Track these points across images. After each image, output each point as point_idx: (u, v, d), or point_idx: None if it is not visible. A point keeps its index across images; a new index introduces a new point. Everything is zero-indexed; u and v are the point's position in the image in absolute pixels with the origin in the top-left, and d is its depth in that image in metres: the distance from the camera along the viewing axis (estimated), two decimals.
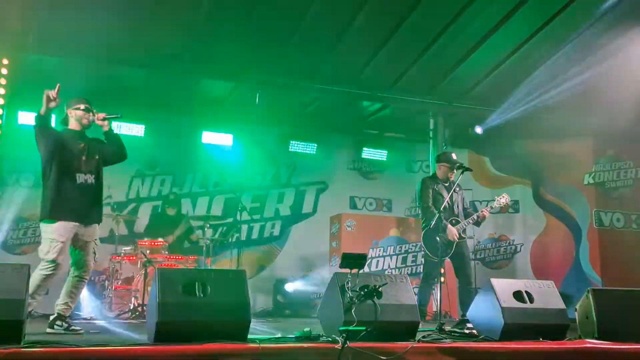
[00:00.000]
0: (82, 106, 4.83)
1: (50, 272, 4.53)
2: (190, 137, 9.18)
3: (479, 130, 9.18)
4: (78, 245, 4.73)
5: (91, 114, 4.84)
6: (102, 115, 4.87)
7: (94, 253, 4.86)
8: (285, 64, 7.78)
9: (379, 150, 10.35)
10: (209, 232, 8.06)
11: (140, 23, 6.71)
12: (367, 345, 3.47)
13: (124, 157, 5.00)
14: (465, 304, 6.11)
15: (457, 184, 6.35)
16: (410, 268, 8.75)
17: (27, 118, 8.04)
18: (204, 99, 8.76)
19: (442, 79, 8.39)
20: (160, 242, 7.46)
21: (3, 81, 7.12)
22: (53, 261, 4.51)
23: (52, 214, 4.58)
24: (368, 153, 10.30)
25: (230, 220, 9.08)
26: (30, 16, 6.54)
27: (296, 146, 9.80)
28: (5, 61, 7.12)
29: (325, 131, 10.02)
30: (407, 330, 4.02)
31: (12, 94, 7.50)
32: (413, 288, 4.49)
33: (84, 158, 4.74)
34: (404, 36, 7.32)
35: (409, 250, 8.84)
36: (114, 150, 4.93)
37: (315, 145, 9.87)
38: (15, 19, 6.58)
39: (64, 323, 4.55)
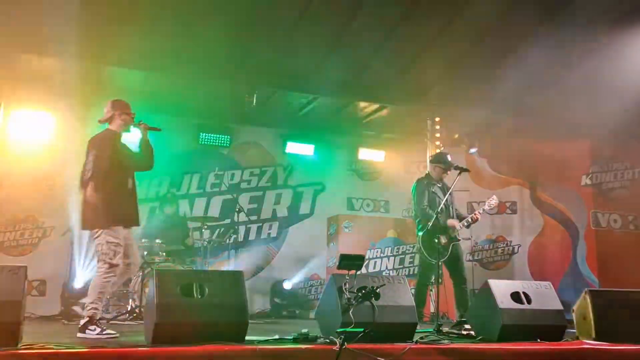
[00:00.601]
0: (133, 113, 5.00)
1: (112, 276, 4.56)
2: (188, 139, 9.19)
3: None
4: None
5: (132, 120, 4.99)
6: (146, 125, 4.98)
7: None
8: (282, 65, 7.78)
9: (376, 152, 10.35)
10: (206, 234, 8.05)
11: (137, 27, 6.69)
12: (365, 346, 3.47)
13: (151, 167, 5.11)
14: (461, 304, 6.11)
15: (448, 185, 6.34)
16: (407, 269, 8.75)
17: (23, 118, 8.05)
18: (201, 100, 8.74)
19: (439, 80, 8.40)
20: (157, 243, 7.45)
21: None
22: (116, 265, 4.56)
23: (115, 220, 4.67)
24: (365, 154, 10.30)
25: (227, 221, 9.08)
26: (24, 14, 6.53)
27: (293, 147, 9.80)
28: None
29: (323, 132, 10.02)
30: (405, 332, 4.02)
31: (8, 94, 7.50)
32: (411, 289, 4.49)
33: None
34: (401, 38, 7.34)
35: (407, 252, 8.84)
36: (145, 159, 5.00)
37: (312, 146, 9.88)
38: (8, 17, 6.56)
39: (96, 327, 4.42)
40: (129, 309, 6.91)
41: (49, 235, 8.37)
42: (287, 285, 8.95)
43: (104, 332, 4.36)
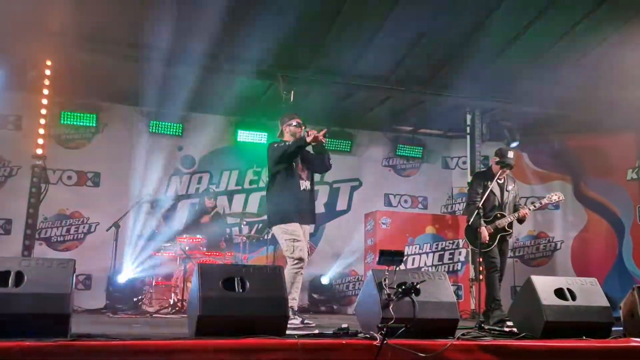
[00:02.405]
0: (294, 122, 5.46)
1: (298, 269, 5.06)
2: (226, 136, 9.31)
3: (514, 144, 9.06)
4: None
5: (301, 128, 5.45)
6: (323, 132, 5.30)
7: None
8: (319, 60, 7.79)
9: (414, 147, 10.27)
10: (245, 229, 8.14)
11: (175, 24, 6.80)
12: (406, 342, 3.44)
13: (328, 169, 5.62)
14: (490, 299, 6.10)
15: (512, 180, 6.41)
16: (447, 266, 8.67)
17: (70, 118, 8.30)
18: (239, 98, 8.83)
19: (479, 73, 8.28)
20: (198, 238, 7.57)
21: (47, 82, 7.28)
22: (300, 259, 5.08)
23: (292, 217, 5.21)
24: (403, 150, 10.24)
25: (265, 217, 9.14)
26: (69, 17, 6.70)
27: (330, 143, 9.78)
28: (48, 62, 7.30)
29: (359, 128, 10.00)
30: (446, 328, 3.97)
31: (55, 94, 7.71)
32: (451, 285, 4.45)
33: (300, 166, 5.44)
34: (439, 31, 7.25)
35: (446, 248, 8.75)
36: (322, 161, 5.50)
37: (349, 142, 9.86)
38: (55, 20, 6.74)
39: (297, 316, 4.89)
40: (171, 303, 7.05)
41: (94, 230, 8.60)
42: (325, 280, 8.97)
43: (304, 322, 4.90)
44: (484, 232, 6.06)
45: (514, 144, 9.24)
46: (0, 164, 8.34)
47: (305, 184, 5.34)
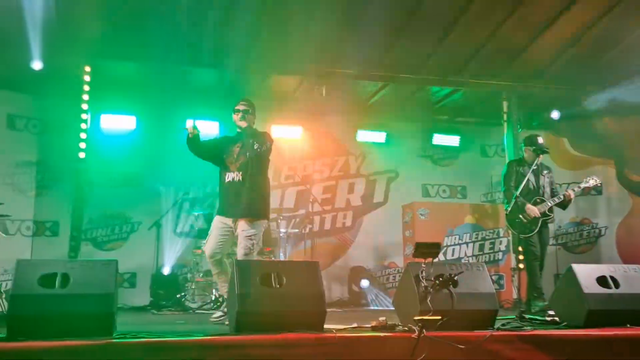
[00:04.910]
0: (235, 109, 5.29)
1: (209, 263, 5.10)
2: None
3: (555, 115, 8.85)
4: None
5: (238, 114, 5.26)
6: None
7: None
8: (350, 53, 7.76)
9: (451, 136, 10.15)
10: (282, 224, 8.21)
11: (209, 25, 6.89)
12: (444, 334, 3.44)
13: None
14: (532, 289, 6.04)
15: (545, 167, 6.38)
16: (487, 256, 8.56)
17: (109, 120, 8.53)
18: (272, 93, 8.90)
19: (515, 58, 8.12)
20: None
21: (86, 87, 7.51)
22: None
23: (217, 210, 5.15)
24: (439, 139, 10.12)
25: (302, 212, 9.21)
26: (106, 23, 6.87)
27: (365, 136, 9.79)
28: (87, 68, 7.52)
29: (394, 119, 9.94)
30: (486, 319, 3.94)
31: (95, 99, 7.94)
32: (491, 276, 4.41)
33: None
34: (473, 16, 7.13)
35: (486, 237, 8.64)
36: None
37: (384, 133, 9.82)
38: (93, 27, 6.92)
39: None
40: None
41: (137, 230, 8.82)
42: (364, 283, 8.96)
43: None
44: (532, 208, 6.02)
45: (555, 115, 9.01)
46: (47, 168, 8.60)
47: (232, 175, 5.04)
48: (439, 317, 3.60)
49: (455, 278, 3.97)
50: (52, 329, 3.23)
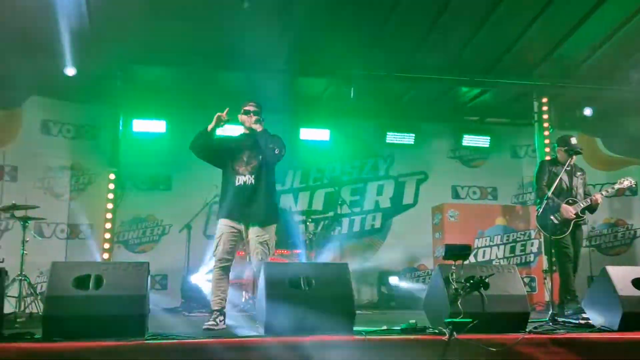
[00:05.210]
0: (243, 109, 5.05)
1: (216, 267, 4.85)
2: (289, 135, 9.38)
3: (588, 112, 8.68)
4: None
5: (250, 116, 4.99)
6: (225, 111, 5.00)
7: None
8: (378, 55, 7.74)
9: (481, 137, 10.04)
10: (311, 227, 8.22)
11: (236, 30, 6.95)
12: (475, 337, 3.40)
13: (278, 158, 4.95)
14: (565, 291, 5.91)
15: (579, 168, 6.27)
16: (519, 257, 8.43)
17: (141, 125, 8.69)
18: (300, 96, 8.93)
19: (545, 57, 8.00)
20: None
21: (118, 92, 7.67)
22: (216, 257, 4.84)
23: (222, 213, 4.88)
24: (469, 140, 10.02)
25: (331, 214, 9.21)
26: (138, 28, 7.00)
27: (393, 137, 9.75)
28: (119, 73, 7.68)
29: (423, 120, 9.87)
30: (517, 322, 3.90)
31: (126, 103, 8.09)
32: (523, 278, 4.35)
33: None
34: (502, 15, 7.05)
35: (517, 239, 8.52)
36: (272, 152, 4.90)
37: (413, 135, 9.76)
38: (126, 33, 7.05)
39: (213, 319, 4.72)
40: (242, 300, 7.23)
41: (168, 232, 8.94)
42: (393, 280, 8.92)
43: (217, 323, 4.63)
44: (567, 208, 5.92)
45: (588, 112, 8.84)
46: (80, 172, 8.80)
47: (244, 179, 4.81)
48: (470, 320, 3.56)
49: (486, 280, 3.93)
50: (86, 329, 3.30)
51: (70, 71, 7.24)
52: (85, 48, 6.99)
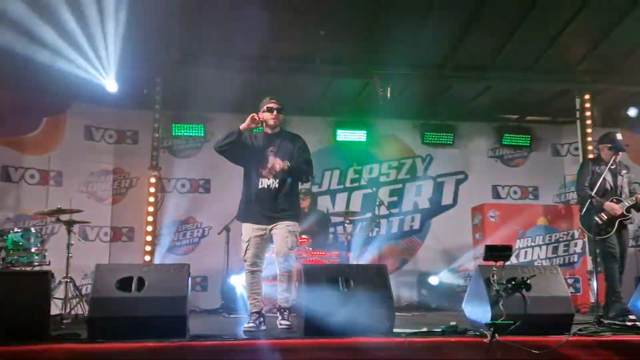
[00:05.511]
0: (265, 107, 4.95)
1: (247, 271, 4.94)
2: (326, 136, 9.43)
3: (633, 112, 8.42)
4: None
5: (273, 114, 4.94)
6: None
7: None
8: (416, 54, 7.68)
9: (521, 136, 9.86)
10: (349, 228, 8.19)
11: (275, 32, 6.99)
12: (517, 339, 3.34)
13: (307, 179, 5.36)
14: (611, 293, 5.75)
15: (624, 166, 6.12)
16: (561, 258, 8.23)
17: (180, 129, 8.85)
18: (337, 97, 8.93)
19: (587, 53, 7.79)
20: (304, 238, 7.72)
21: (158, 97, 7.83)
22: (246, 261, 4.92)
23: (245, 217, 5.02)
24: (509, 139, 9.86)
25: (369, 215, 9.17)
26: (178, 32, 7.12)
27: (431, 137, 9.66)
28: (157, 79, 7.83)
29: (461, 120, 9.75)
30: (561, 323, 3.81)
31: (166, 108, 8.25)
32: (566, 279, 4.25)
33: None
34: (542, 11, 6.90)
35: (560, 240, 8.32)
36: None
37: (451, 135, 9.66)
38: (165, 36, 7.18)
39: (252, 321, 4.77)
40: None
41: (208, 234, 9.06)
42: (434, 280, 8.82)
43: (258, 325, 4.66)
44: (612, 205, 5.77)
45: (633, 112, 8.58)
46: (122, 176, 9.01)
47: (268, 182, 4.80)
48: (512, 322, 3.49)
49: (528, 281, 3.85)
50: (129, 330, 3.37)
51: (112, 87, 7.40)
52: (127, 58, 7.13)
